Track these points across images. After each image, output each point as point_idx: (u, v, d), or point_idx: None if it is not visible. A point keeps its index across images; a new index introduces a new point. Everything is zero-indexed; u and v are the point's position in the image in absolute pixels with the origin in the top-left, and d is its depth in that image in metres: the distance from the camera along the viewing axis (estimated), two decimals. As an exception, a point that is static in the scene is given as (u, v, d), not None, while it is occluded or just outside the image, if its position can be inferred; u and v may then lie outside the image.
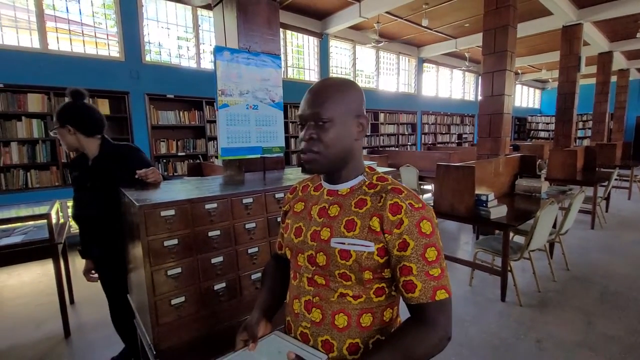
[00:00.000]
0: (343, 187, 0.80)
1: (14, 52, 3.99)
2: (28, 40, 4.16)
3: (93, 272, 1.88)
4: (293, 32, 6.78)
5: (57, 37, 4.34)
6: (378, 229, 0.71)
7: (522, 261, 2.91)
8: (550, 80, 13.88)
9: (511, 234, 3.45)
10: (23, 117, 4.07)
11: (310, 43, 7.21)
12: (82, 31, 4.52)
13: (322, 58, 7.31)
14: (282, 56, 6.72)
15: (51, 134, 1.68)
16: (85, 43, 4.55)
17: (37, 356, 2.18)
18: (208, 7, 5.44)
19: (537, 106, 16.39)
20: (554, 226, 3.15)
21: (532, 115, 15.51)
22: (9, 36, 4.06)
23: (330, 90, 0.75)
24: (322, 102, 0.73)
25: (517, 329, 2.35)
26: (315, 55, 7.30)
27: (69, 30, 4.43)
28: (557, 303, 2.69)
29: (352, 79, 0.86)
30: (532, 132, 15.39)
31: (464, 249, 4.05)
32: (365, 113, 0.80)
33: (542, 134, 15.08)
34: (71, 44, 4.45)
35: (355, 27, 7.30)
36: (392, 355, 0.67)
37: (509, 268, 2.67)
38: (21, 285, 3.26)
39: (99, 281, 1.88)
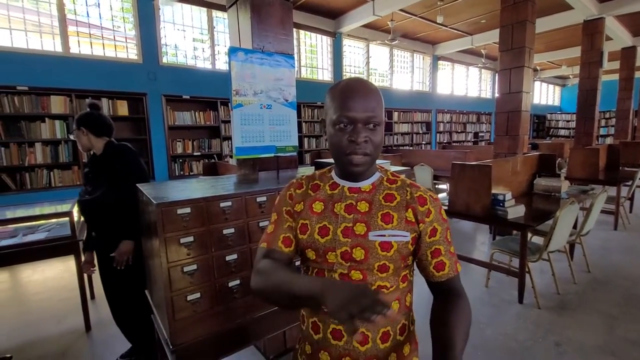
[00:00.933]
0: (365, 184, 0.83)
1: (37, 56, 4.15)
2: (51, 44, 4.32)
3: (93, 267, 2.12)
4: (306, 32, 6.80)
5: (78, 41, 4.49)
6: (413, 220, 0.79)
7: (540, 262, 2.83)
8: (571, 76, 13.43)
9: (529, 235, 3.37)
10: (46, 119, 4.23)
11: (323, 42, 7.21)
12: (102, 35, 4.66)
13: (335, 57, 7.30)
14: (296, 56, 6.73)
15: (71, 136, 1.95)
16: (105, 46, 4.69)
17: (60, 350, 2.26)
18: (223, 8, 5.52)
19: (557, 103, 15.91)
20: (575, 227, 3.05)
21: (552, 113, 15.06)
22: (33, 41, 4.22)
23: (376, 93, 0.78)
24: (375, 106, 0.77)
25: (535, 332, 2.29)
26: (329, 55, 7.30)
27: (90, 34, 4.57)
28: (577, 306, 2.61)
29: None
30: (551, 130, 14.94)
31: (480, 249, 3.98)
32: None
33: (562, 132, 14.62)
34: (91, 47, 4.59)
35: (369, 26, 7.26)
36: (461, 331, 0.72)
37: (526, 269, 2.60)
38: (44, 280, 3.39)
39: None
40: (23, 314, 2.75)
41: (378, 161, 0.96)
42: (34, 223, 2.79)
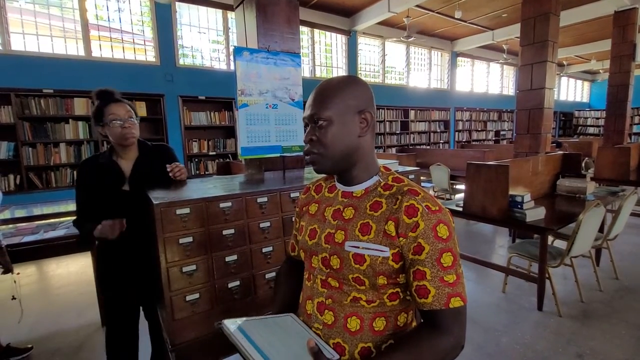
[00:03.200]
0: (357, 189, 0.78)
1: (62, 60, 4.33)
2: (74, 48, 4.50)
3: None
4: (321, 31, 6.77)
5: (100, 45, 4.65)
6: (393, 234, 0.69)
7: (563, 268, 2.68)
8: (601, 71, 12.76)
9: (551, 239, 3.20)
10: (70, 120, 4.41)
11: (338, 41, 7.16)
12: (122, 38, 4.81)
13: (350, 56, 7.24)
14: (310, 55, 6.73)
15: (135, 120, 1.53)
16: (125, 49, 4.83)
17: (76, 342, 2.34)
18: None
19: (585, 100, 15.16)
20: (602, 230, 2.88)
21: (580, 110, 14.36)
22: (58, 45, 4.41)
23: (327, 90, 0.75)
24: (318, 103, 0.75)
25: (555, 342, 2.17)
26: (344, 53, 7.24)
27: (110, 37, 4.72)
28: (603, 315, 2.46)
29: (355, 76, 0.87)
30: (579, 127, 14.25)
31: (498, 253, 3.83)
32: (370, 108, 0.77)
33: (591, 130, 13.91)
34: (112, 50, 4.74)
35: (385, 23, 7.15)
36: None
37: (547, 275, 2.47)
38: (68, 274, 3.53)
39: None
40: (46, 307, 2.87)
41: (386, 161, 0.93)
42: (55, 220, 2.91)
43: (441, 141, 9.38)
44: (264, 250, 1.42)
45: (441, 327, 0.66)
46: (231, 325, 0.70)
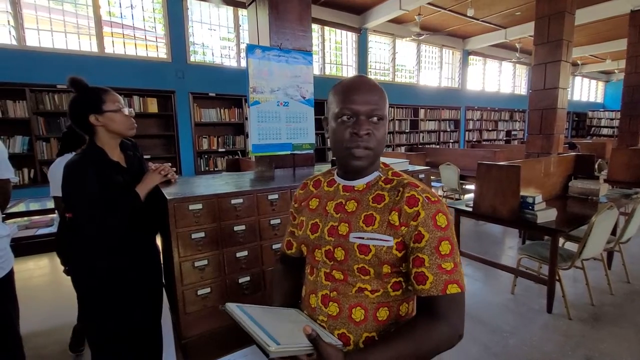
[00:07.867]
0: (359, 183, 0.81)
1: (75, 56, 4.41)
2: (88, 44, 4.57)
3: None
4: (331, 29, 6.75)
5: (112, 41, 4.71)
6: (397, 223, 0.72)
7: (574, 271, 2.65)
8: (616, 71, 12.48)
9: (562, 240, 3.16)
10: (83, 115, 4.47)
11: (348, 39, 7.13)
12: (134, 35, 4.86)
13: (360, 54, 7.20)
14: (320, 53, 6.72)
15: (131, 112, 1.33)
16: (137, 46, 4.89)
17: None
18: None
19: (599, 100, 14.85)
20: (614, 233, 2.83)
21: (594, 110, 14.07)
22: (72, 41, 4.48)
23: (379, 88, 0.79)
24: (377, 100, 0.76)
25: (564, 344, 2.14)
26: (354, 51, 7.21)
27: (123, 34, 4.78)
28: (613, 318, 2.42)
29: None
30: (593, 128, 13.97)
31: (508, 254, 3.79)
32: None
33: (604, 131, 13.63)
34: (124, 47, 4.80)
35: (395, 21, 7.09)
36: (399, 346, 0.67)
37: (557, 277, 2.44)
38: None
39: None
40: (58, 299, 2.92)
41: (396, 160, 0.94)
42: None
43: (451, 140, 9.30)
44: (274, 246, 1.43)
45: (438, 313, 0.68)
46: (234, 306, 0.72)
